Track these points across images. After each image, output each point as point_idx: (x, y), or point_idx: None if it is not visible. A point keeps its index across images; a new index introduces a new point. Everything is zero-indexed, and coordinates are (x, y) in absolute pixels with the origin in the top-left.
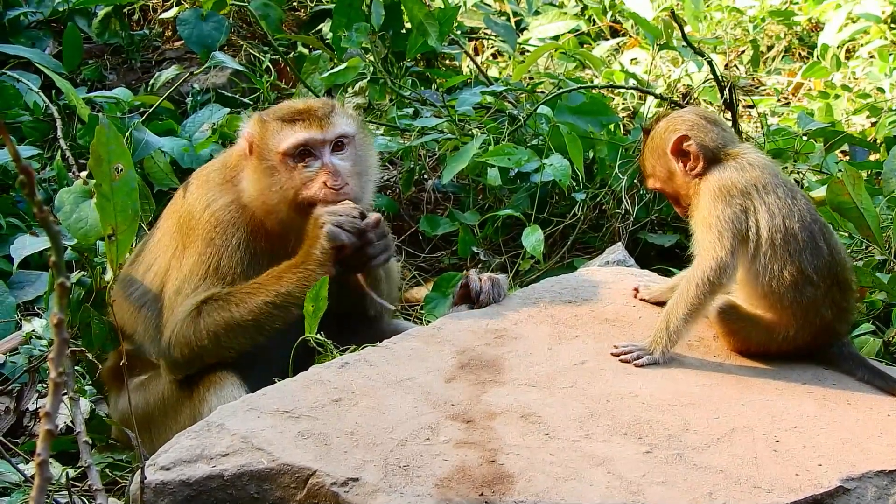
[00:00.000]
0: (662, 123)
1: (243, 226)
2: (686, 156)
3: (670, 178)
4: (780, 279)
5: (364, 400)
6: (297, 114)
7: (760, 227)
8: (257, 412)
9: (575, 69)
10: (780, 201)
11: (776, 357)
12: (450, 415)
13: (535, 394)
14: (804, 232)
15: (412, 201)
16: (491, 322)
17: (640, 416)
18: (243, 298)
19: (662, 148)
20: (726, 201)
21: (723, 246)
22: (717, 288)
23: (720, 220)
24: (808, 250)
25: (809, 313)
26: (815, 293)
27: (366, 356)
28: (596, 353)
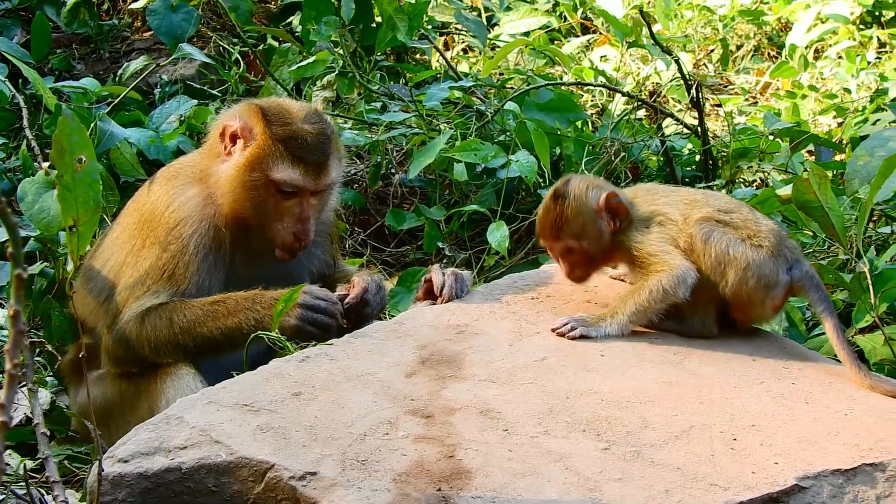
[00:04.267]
0: (578, 185)
1: (207, 219)
2: (615, 212)
3: (598, 237)
4: (703, 220)
5: (324, 394)
6: (304, 151)
7: (676, 218)
8: (216, 405)
9: (545, 66)
10: (669, 197)
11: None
12: (409, 410)
13: (495, 389)
14: (697, 194)
15: (378, 195)
16: (453, 317)
17: (599, 412)
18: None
19: (590, 207)
20: (653, 231)
21: (675, 257)
22: (670, 299)
23: (656, 242)
24: (708, 199)
25: (749, 225)
26: (735, 216)
27: (326, 350)
28: (557, 349)
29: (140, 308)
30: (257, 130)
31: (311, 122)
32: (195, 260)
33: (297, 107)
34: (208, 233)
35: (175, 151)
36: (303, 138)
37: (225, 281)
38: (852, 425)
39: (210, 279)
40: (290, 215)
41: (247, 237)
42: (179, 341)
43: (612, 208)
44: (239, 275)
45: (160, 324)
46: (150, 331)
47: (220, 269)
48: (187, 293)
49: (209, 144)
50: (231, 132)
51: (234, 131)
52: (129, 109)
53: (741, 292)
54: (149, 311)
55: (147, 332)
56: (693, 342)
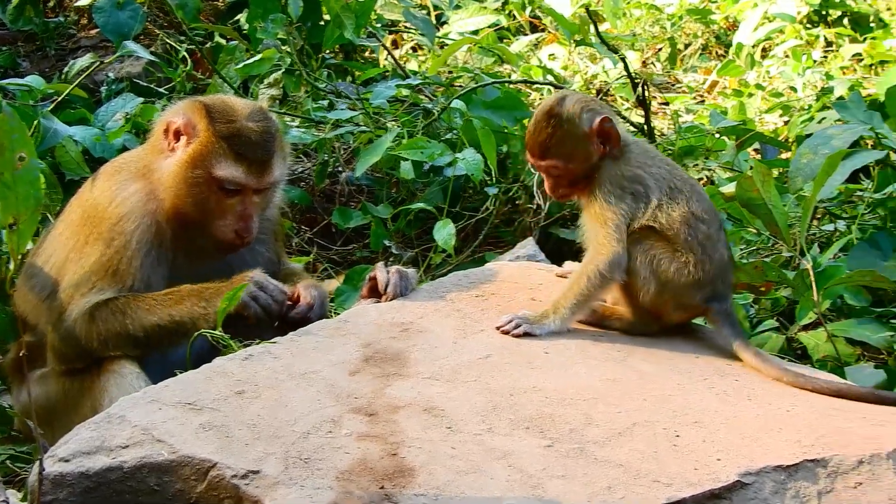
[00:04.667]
0: (573, 104)
1: (150, 215)
2: (607, 137)
3: (585, 159)
4: (670, 219)
5: (267, 392)
6: (247, 149)
7: (651, 198)
8: (159, 404)
9: (493, 64)
10: (661, 170)
11: (686, 309)
12: (353, 408)
13: (439, 387)
14: (686, 185)
15: (325, 194)
16: (397, 315)
17: (543, 410)
18: (141, 315)
19: (583, 128)
20: (619, 196)
21: (618, 241)
22: (609, 283)
23: (616, 215)
24: (693, 198)
25: (707, 247)
26: (707, 230)
27: (270, 349)
28: (501, 346)
29: (87, 304)
30: (201, 127)
31: (255, 119)
32: (138, 255)
33: (242, 104)
34: (150, 228)
35: (121, 149)
36: (246, 136)
37: (168, 278)
38: (794, 422)
39: (153, 275)
40: (232, 213)
41: (189, 234)
42: (130, 332)
43: (604, 133)
44: (181, 272)
45: (111, 317)
46: (100, 325)
47: (162, 266)
48: (133, 289)
49: (153, 140)
50: (174, 128)
51: (177, 128)
52: (74, 107)
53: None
54: (98, 307)
55: (98, 326)
56: (636, 340)
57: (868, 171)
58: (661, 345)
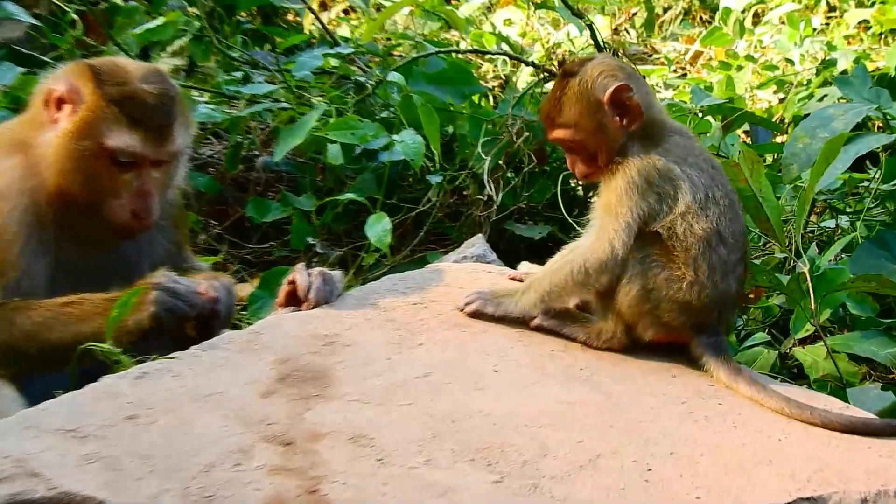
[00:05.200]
0: (593, 68)
1: (27, 194)
2: (624, 109)
3: (598, 131)
4: (690, 231)
5: (165, 417)
6: (143, 114)
7: (678, 203)
8: (35, 430)
9: (439, 30)
10: (702, 173)
11: (666, 329)
12: (266, 436)
13: (369, 411)
14: (725, 199)
15: (238, 182)
16: (320, 326)
17: (491, 438)
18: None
19: (596, 96)
20: (643, 192)
21: (622, 242)
22: (592, 284)
23: (631, 213)
24: (726, 215)
25: (716, 272)
26: (726, 256)
27: (169, 366)
28: (443, 364)
29: None
30: (87, 92)
31: (151, 81)
32: (19, 241)
33: (135, 65)
34: (29, 210)
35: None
36: (142, 99)
37: (53, 268)
38: (788, 453)
39: (37, 265)
40: (128, 190)
41: (76, 218)
42: (21, 347)
43: (619, 103)
44: (67, 262)
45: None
46: None
47: (46, 254)
48: (18, 283)
49: (31, 112)
50: (56, 96)
51: (59, 95)
52: None
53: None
54: None
55: None
56: (603, 356)
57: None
58: (632, 362)
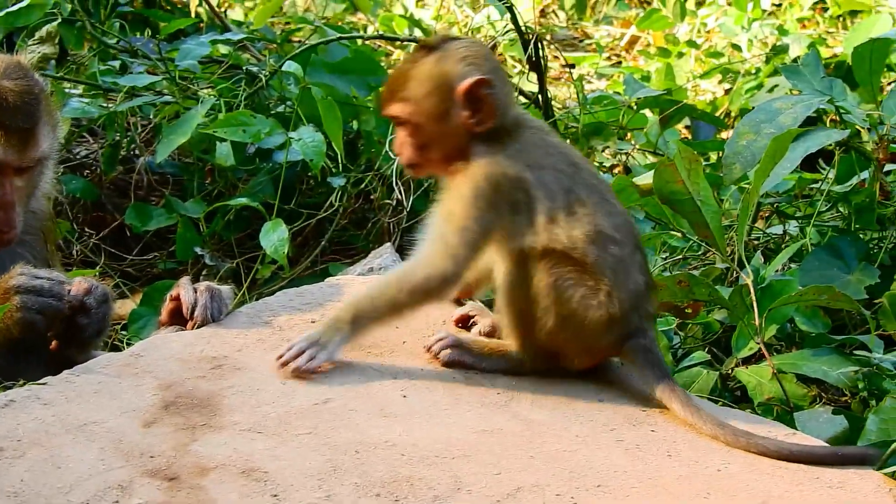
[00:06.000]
0: (457, 49)
1: None
2: (478, 105)
3: (441, 120)
4: (571, 238)
5: (34, 450)
6: (3, 114)
7: (538, 212)
8: None
9: (344, 13)
10: (559, 175)
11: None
12: (147, 470)
13: (262, 442)
14: (593, 195)
15: (117, 185)
16: (207, 347)
17: (399, 471)
18: None
19: (451, 81)
20: (490, 202)
21: (461, 258)
22: (433, 299)
23: (475, 225)
24: (600, 211)
25: (619, 273)
26: (619, 252)
27: (38, 392)
28: (345, 389)
29: None
30: None
31: (12, 77)
32: None
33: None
34: None
35: None
36: (2, 98)
37: None
38: (727, 484)
39: None
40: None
41: None
42: None
43: (475, 98)
44: None
45: None
46: None
47: None
48: None
49: None
50: None
51: None
52: None
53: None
54: None
55: None
56: (523, 379)
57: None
58: (556, 384)
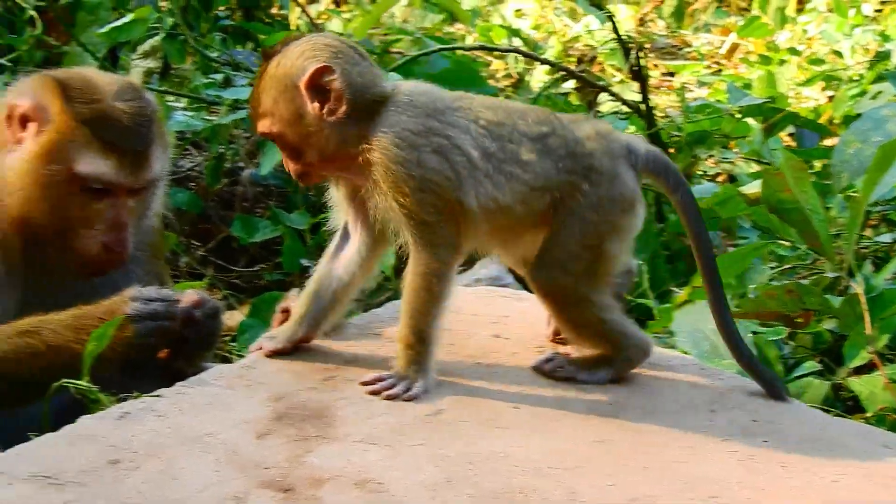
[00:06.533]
0: (295, 47)
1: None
2: (325, 95)
3: (296, 121)
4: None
5: (150, 462)
6: (117, 137)
7: (469, 150)
8: (7, 477)
9: (442, 23)
10: (463, 112)
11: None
12: (262, 481)
13: (376, 453)
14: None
15: (222, 197)
16: (319, 359)
17: (512, 482)
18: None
19: (292, 79)
20: (417, 161)
21: (439, 227)
22: (456, 264)
23: (421, 202)
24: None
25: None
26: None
27: (153, 405)
28: (457, 400)
29: None
30: (54, 110)
31: (125, 98)
32: None
33: (108, 80)
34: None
35: None
36: (115, 120)
37: (20, 303)
38: (843, 496)
39: (2, 300)
40: (100, 221)
41: (42, 249)
42: None
43: (320, 88)
44: (35, 296)
45: None
46: None
47: (12, 287)
48: None
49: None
50: (20, 114)
51: (23, 112)
52: None
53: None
54: None
55: None
56: (633, 389)
57: None
58: (666, 394)
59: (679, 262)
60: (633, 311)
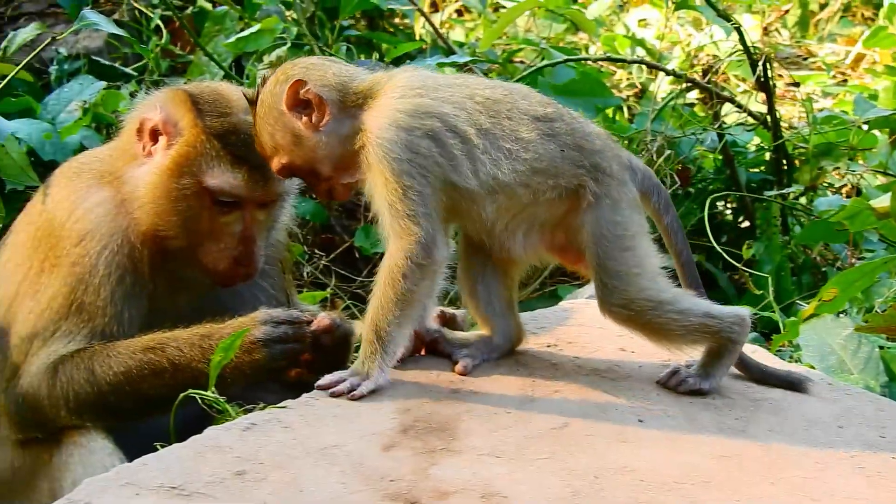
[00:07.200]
0: (269, 82)
1: (120, 233)
2: (307, 107)
3: (297, 143)
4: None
5: (276, 473)
6: (247, 150)
7: (459, 128)
8: (136, 487)
9: (564, 33)
10: (456, 89)
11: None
12: (388, 494)
13: (501, 467)
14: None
15: (346, 207)
16: (444, 371)
17: (639, 497)
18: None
19: (276, 107)
20: (406, 144)
21: (423, 213)
22: (432, 268)
23: (409, 190)
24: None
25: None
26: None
27: (279, 416)
28: (581, 413)
29: (51, 357)
30: (185, 124)
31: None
32: (107, 284)
33: (238, 93)
34: (122, 250)
35: (77, 150)
36: (246, 133)
37: (146, 315)
38: None
39: (130, 310)
40: (230, 234)
41: (170, 261)
42: (111, 402)
43: (302, 103)
44: (162, 308)
45: (79, 377)
46: (66, 388)
47: (139, 299)
48: (107, 330)
49: (123, 142)
50: (151, 127)
51: (154, 126)
52: (16, 94)
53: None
54: (62, 361)
55: (62, 389)
56: (759, 404)
57: None
58: (793, 410)
59: (804, 275)
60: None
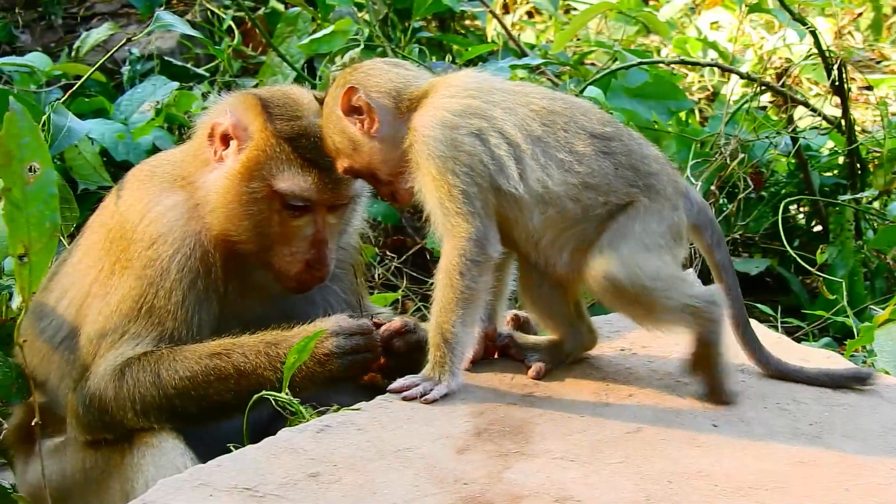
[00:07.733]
0: (333, 84)
1: (192, 236)
2: (361, 113)
3: (355, 147)
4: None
5: (350, 475)
6: (317, 153)
7: (510, 130)
8: (210, 489)
9: (636, 35)
10: (512, 95)
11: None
12: (461, 497)
13: (575, 470)
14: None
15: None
16: (518, 375)
17: (712, 502)
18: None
19: (335, 111)
20: (452, 142)
21: (473, 216)
22: (488, 263)
23: (454, 188)
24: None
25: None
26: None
27: (352, 418)
28: (655, 418)
29: (117, 360)
30: (255, 127)
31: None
32: (179, 288)
33: (308, 96)
34: (194, 253)
35: (150, 150)
36: (316, 136)
37: (217, 319)
38: None
39: (200, 315)
40: (301, 238)
41: (242, 265)
42: (176, 406)
43: (355, 109)
44: (233, 313)
45: (145, 380)
46: (132, 390)
47: (210, 304)
48: (176, 333)
49: (195, 146)
50: (221, 132)
51: (224, 130)
52: (89, 95)
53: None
54: (129, 364)
55: (129, 391)
56: (834, 410)
57: None
58: (867, 416)
59: (877, 280)
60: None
